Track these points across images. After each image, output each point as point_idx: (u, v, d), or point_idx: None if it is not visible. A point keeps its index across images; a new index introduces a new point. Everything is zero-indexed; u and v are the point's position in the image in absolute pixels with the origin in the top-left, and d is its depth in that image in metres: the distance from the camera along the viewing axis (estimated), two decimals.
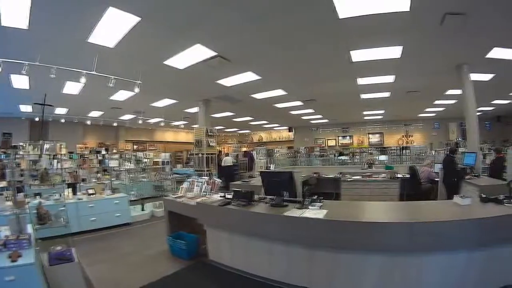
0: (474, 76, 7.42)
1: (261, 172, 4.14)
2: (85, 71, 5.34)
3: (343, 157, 11.37)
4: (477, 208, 3.19)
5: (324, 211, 3.09)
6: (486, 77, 8.00)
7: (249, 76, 7.26)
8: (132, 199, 6.92)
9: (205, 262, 3.90)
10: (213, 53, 5.60)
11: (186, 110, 11.89)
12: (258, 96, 9.46)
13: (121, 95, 8.72)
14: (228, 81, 7.63)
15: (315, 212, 3.08)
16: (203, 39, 5.09)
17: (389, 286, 2.85)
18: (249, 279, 3.41)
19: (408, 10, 4.23)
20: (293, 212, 3.14)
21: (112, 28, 4.45)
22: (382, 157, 10.44)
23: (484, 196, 3.43)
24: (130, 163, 8.18)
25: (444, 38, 5.38)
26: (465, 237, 2.73)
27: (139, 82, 6.04)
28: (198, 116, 10.49)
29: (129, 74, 5.96)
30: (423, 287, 2.84)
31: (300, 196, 3.61)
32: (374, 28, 4.84)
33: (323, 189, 8.61)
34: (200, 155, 8.77)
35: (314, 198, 3.39)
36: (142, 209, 6.84)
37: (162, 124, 13.60)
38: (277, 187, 3.56)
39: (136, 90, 6.12)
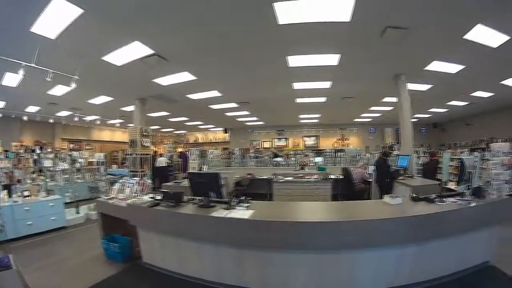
0: (412, 86, 7.94)
1: (188, 173, 4.09)
2: (24, 63, 4.99)
3: (278, 159, 11.59)
4: (407, 206, 3.39)
5: (250, 212, 3.12)
6: (424, 87, 8.59)
7: (186, 76, 7.19)
8: (67, 201, 6.53)
9: (140, 265, 3.80)
10: (151, 51, 5.50)
11: (122, 109, 11.46)
12: (194, 96, 9.38)
13: (59, 90, 8.17)
14: (165, 80, 7.51)
15: (241, 212, 3.11)
16: (142, 36, 4.98)
17: (322, 282, 2.94)
18: (182, 280, 3.38)
19: (349, 20, 4.39)
20: (220, 212, 3.14)
21: (56, 18, 4.21)
22: (318, 159, 10.77)
23: (415, 195, 3.67)
24: (65, 163, 7.67)
25: (383, 50, 5.66)
26: (395, 234, 2.87)
27: (76, 77, 5.74)
28: (134, 115, 10.13)
29: (68, 68, 5.65)
30: (357, 282, 2.96)
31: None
32: (312, 36, 4.99)
33: (257, 190, 8.76)
34: (134, 155, 8.50)
35: (241, 198, 3.43)
36: (77, 212, 6.45)
37: (98, 122, 13.07)
38: (204, 188, 3.54)
39: (73, 85, 5.82)
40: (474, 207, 3.27)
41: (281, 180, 7.98)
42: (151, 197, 3.96)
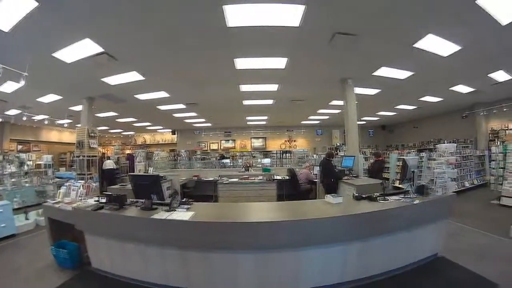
0: (360, 90, 8.34)
1: (129, 175, 4.12)
2: None
3: (225, 160, 11.77)
4: (349, 205, 3.58)
5: (191, 213, 3.20)
6: (372, 91, 9.02)
7: (134, 76, 7.13)
8: (15, 207, 6.18)
9: (89, 271, 3.75)
10: (100, 49, 5.42)
11: (71, 108, 11.04)
12: (142, 96, 9.30)
13: (9, 87, 7.72)
14: (113, 80, 7.37)
15: (181, 214, 3.19)
16: (93, 34, 4.90)
17: (267, 282, 3.05)
18: (130, 285, 3.38)
19: (298, 26, 4.57)
20: (161, 214, 3.20)
21: (11, 10, 4.07)
22: (265, 161, 11.05)
23: (357, 194, 3.92)
24: (13, 166, 7.24)
25: (331, 55, 5.87)
26: (337, 232, 3.04)
27: (25, 73, 5.45)
28: (82, 115, 9.76)
29: (18, 64, 5.39)
30: (302, 280, 3.09)
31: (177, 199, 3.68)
32: (261, 39, 5.11)
33: (203, 192, 8.86)
34: (81, 157, 8.25)
35: (183, 200, 3.52)
36: (26, 218, 6.17)
37: (46, 122, 12.44)
38: (146, 190, 3.57)
39: (22, 82, 5.51)
40: (417, 204, 3.51)
41: (226, 182, 8.08)
42: (96, 201, 3.93)
